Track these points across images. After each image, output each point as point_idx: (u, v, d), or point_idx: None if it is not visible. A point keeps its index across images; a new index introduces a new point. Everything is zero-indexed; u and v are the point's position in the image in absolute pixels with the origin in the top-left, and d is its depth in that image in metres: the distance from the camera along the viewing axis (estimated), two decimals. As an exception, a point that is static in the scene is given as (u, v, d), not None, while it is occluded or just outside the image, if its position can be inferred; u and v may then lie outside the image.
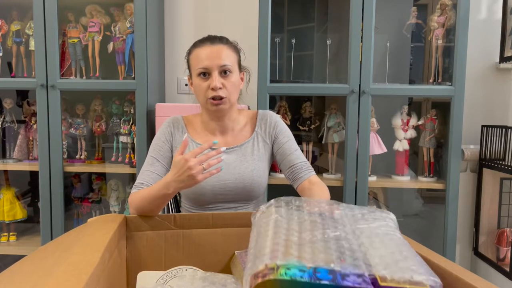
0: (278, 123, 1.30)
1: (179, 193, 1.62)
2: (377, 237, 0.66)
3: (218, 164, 0.98)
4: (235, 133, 1.28)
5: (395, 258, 0.60)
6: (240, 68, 1.25)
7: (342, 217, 0.72)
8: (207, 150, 1.22)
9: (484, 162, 2.12)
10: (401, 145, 2.12)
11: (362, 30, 1.91)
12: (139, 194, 1.09)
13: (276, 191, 1.96)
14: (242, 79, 1.26)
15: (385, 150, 2.09)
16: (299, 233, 0.64)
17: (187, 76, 1.27)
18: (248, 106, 2.04)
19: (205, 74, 1.16)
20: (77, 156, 2.27)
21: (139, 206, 1.06)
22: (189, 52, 1.23)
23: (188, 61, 1.24)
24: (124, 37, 2.12)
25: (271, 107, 2.14)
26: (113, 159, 2.25)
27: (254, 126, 1.30)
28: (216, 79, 1.14)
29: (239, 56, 1.24)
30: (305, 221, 0.68)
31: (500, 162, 1.99)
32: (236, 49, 1.23)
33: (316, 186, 1.18)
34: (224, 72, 1.16)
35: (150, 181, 1.17)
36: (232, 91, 1.18)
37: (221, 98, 1.16)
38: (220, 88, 1.15)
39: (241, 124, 1.30)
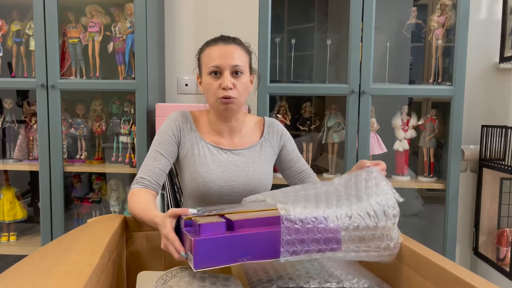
0: (285, 131, 1.35)
1: (179, 193, 1.62)
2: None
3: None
4: (242, 134, 1.28)
5: None
6: (251, 70, 1.25)
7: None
8: (214, 149, 1.22)
9: (484, 162, 2.12)
10: (401, 145, 2.12)
11: (362, 30, 1.91)
12: (135, 202, 1.09)
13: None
14: (251, 81, 1.25)
15: (385, 150, 2.09)
16: None
17: (197, 75, 1.26)
18: (248, 106, 2.04)
19: (217, 73, 1.16)
20: (77, 156, 2.27)
21: (132, 213, 1.08)
22: (200, 50, 1.22)
23: (199, 59, 1.23)
24: (124, 37, 2.12)
25: (271, 107, 2.14)
26: (113, 159, 2.25)
27: (262, 131, 1.31)
28: (227, 79, 1.14)
29: (251, 58, 1.24)
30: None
31: (500, 162, 1.99)
32: (248, 51, 1.23)
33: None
34: (235, 72, 1.16)
35: (153, 176, 1.17)
36: (242, 92, 1.18)
37: (231, 97, 1.16)
38: (230, 88, 1.15)
39: (248, 127, 1.30)
